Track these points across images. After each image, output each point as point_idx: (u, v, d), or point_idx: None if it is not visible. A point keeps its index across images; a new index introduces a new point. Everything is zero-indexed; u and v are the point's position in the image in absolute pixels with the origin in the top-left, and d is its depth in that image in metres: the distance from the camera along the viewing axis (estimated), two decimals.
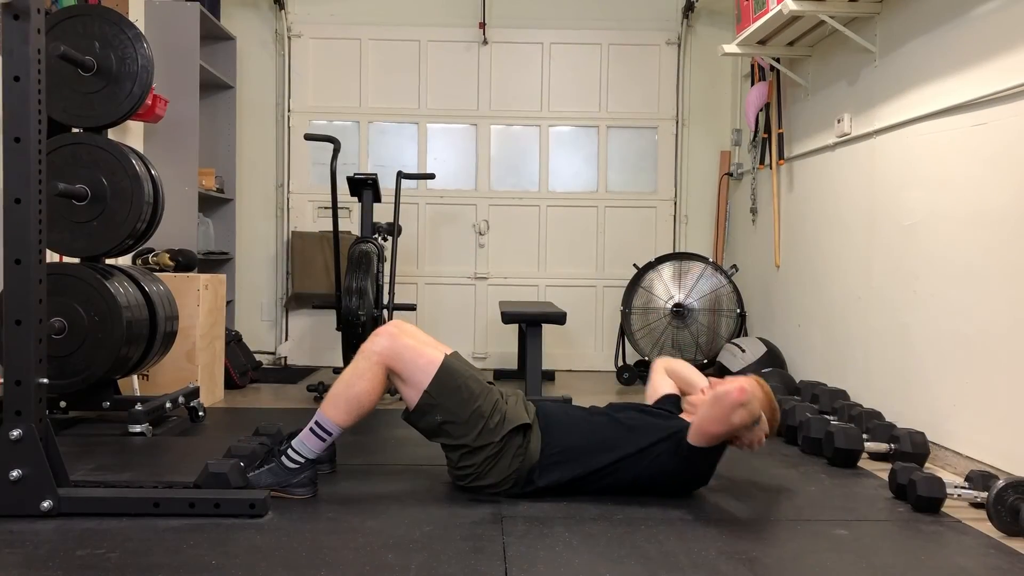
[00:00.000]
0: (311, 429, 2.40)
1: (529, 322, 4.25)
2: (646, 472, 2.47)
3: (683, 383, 2.80)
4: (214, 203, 5.24)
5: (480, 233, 5.61)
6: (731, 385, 2.35)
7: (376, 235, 4.45)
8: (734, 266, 5.06)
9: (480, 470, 2.42)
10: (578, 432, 2.50)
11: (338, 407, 2.38)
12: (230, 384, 4.38)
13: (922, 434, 2.99)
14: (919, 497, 2.42)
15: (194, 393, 3.57)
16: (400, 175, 4.66)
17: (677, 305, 4.86)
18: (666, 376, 2.86)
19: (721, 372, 4.41)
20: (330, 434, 2.40)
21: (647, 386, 2.89)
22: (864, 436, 3.04)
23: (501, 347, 5.56)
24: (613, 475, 2.47)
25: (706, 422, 2.36)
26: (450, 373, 2.41)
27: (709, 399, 2.38)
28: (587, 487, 2.48)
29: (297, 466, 2.39)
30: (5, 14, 2.15)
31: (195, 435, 3.34)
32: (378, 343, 2.41)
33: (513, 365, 5.32)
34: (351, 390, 2.38)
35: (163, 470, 2.74)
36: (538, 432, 2.46)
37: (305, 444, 2.40)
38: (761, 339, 4.51)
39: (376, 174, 4.38)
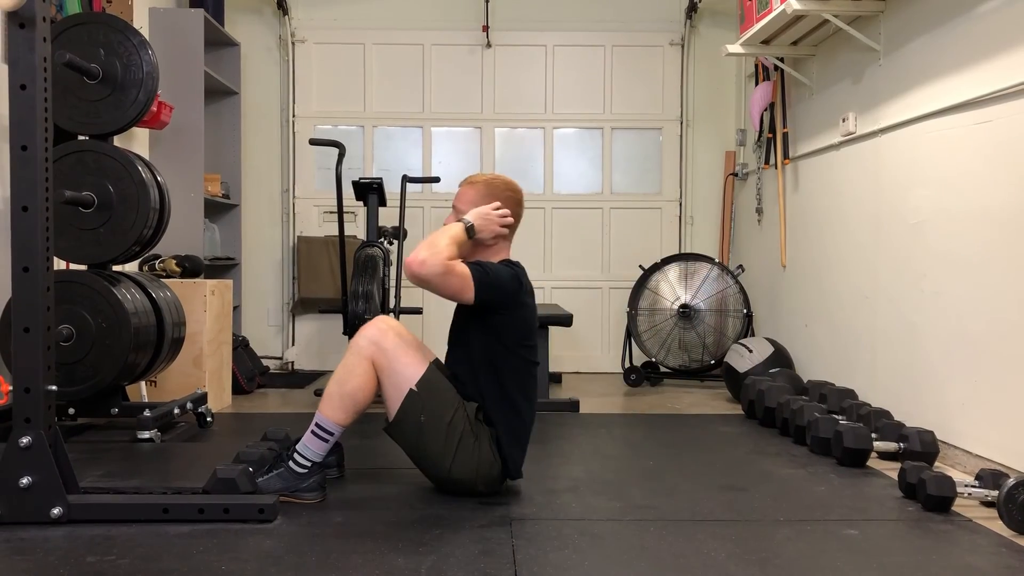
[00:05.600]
0: (312, 431, 2.41)
1: None
2: (503, 339, 2.47)
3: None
4: (220, 209, 5.25)
5: None
6: (405, 267, 2.33)
7: (382, 239, 4.45)
8: (740, 266, 5.06)
9: (476, 471, 2.43)
10: (469, 374, 2.51)
11: (334, 406, 2.39)
12: (237, 390, 4.39)
13: (931, 433, 2.98)
14: (929, 496, 2.41)
15: (202, 399, 3.57)
16: (405, 179, 4.66)
17: (683, 306, 4.86)
18: None
19: (729, 373, 4.41)
20: (331, 434, 2.40)
21: None
22: (873, 435, 3.03)
23: None
24: (504, 369, 2.47)
25: (443, 293, 2.34)
26: (437, 377, 2.44)
27: (418, 286, 2.37)
28: (517, 402, 2.50)
29: (305, 470, 2.39)
30: (11, 23, 2.16)
31: (203, 441, 3.35)
32: (366, 336, 2.42)
33: None
34: (344, 387, 2.39)
35: (172, 476, 2.74)
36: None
37: (309, 447, 2.40)
38: (768, 339, 4.50)
39: (381, 178, 4.38)
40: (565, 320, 4.25)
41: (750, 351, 4.36)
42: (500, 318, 2.45)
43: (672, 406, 4.33)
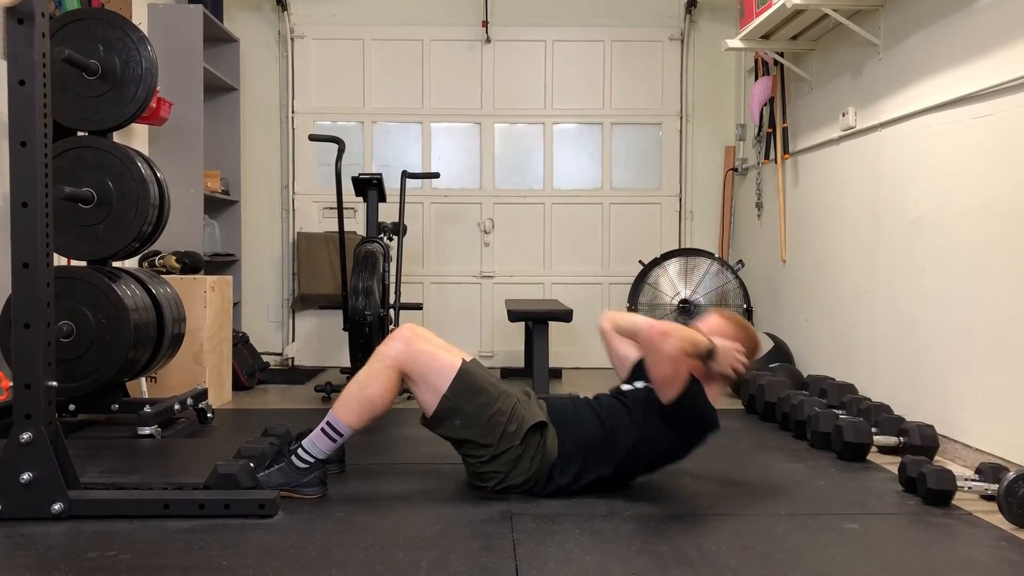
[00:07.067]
0: (322, 430, 2.40)
1: (535, 320, 4.25)
2: (654, 448, 2.48)
3: (633, 336, 2.60)
4: (219, 205, 5.25)
5: (485, 232, 5.61)
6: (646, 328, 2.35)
7: (381, 235, 4.45)
8: (740, 261, 5.05)
9: (507, 474, 2.42)
10: (589, 425, 2.50)
11: (350, 409, 2.38)
12: (238, 386, 4.39)
13: (931, 427, 2.98)
14: (929, 490, 2.42)
15: (202, 395, 3.57)
16: (405, 175, 4.67)
17: (683, 301, 4.86)
18: (621, 340, 2.75)
19: None
20: (341, 435, 2.40)
21: (610, 356, 2.84)
22: (873, 430, 3.03)
23: (508, 345, 5.55)
24: (630, 462, 2.47)
25: (654, 371, 2.36)
26: (469, 378, 2.41)
27: (642, 350, 2.39)
28: (608, 483, 2.48)
29: (307, 466, 2.39)
30: (9, 19, 2.16)
31: (204, 437, 3.35)
32: (393, 347, 2.41)
33: (520, 363, 5.32)
34: (364, 392, 2.38)
35: (172, 472, 2.74)
36: (553, 429, 2.46)
37: (316, 444, 2.40)
38: (768, 334, 4.50)
39: (381, 174, 4.38)
40: (565, 316, 4.25)
41: None
42: (674, 431, 2.46)
43: None
